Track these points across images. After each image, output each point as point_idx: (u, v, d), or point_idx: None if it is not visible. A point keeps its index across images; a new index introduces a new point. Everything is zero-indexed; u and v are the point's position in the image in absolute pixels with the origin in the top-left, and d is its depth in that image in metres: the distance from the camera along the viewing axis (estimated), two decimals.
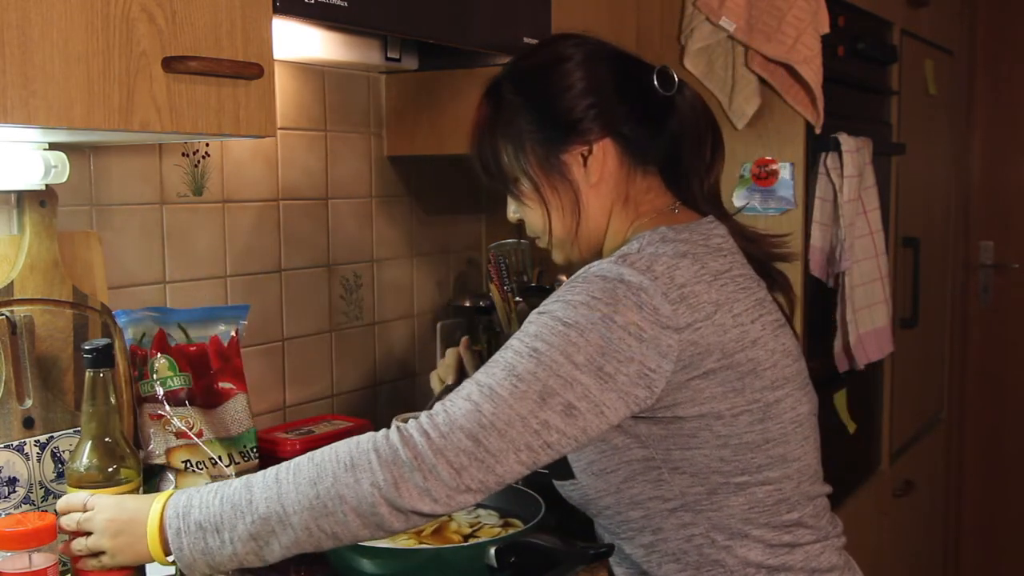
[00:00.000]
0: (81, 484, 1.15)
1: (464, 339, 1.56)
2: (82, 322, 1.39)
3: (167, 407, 1.47)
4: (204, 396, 1.52)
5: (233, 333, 1.58)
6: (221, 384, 1.55)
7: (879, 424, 2.75)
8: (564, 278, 2.08)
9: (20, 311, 1.32)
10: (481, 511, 1.47)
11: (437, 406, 1.12)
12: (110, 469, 1.16)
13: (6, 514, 1.26)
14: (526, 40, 1.68)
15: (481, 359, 2.02)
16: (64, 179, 1.34)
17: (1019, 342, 3.68)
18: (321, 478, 1.08)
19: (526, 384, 1.09)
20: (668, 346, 1.13)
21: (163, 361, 1.48)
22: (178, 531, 1.09)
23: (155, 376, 1.47)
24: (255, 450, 1.56)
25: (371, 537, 1.10)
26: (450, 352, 1.56)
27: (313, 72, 1.86)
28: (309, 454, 1.12)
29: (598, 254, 1.32)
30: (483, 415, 1.08)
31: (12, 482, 1.28)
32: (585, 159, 1.27)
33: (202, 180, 1.67)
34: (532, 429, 1.09)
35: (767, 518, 1.23)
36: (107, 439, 1.17)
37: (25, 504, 1.29)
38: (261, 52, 1.23)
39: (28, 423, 1.31)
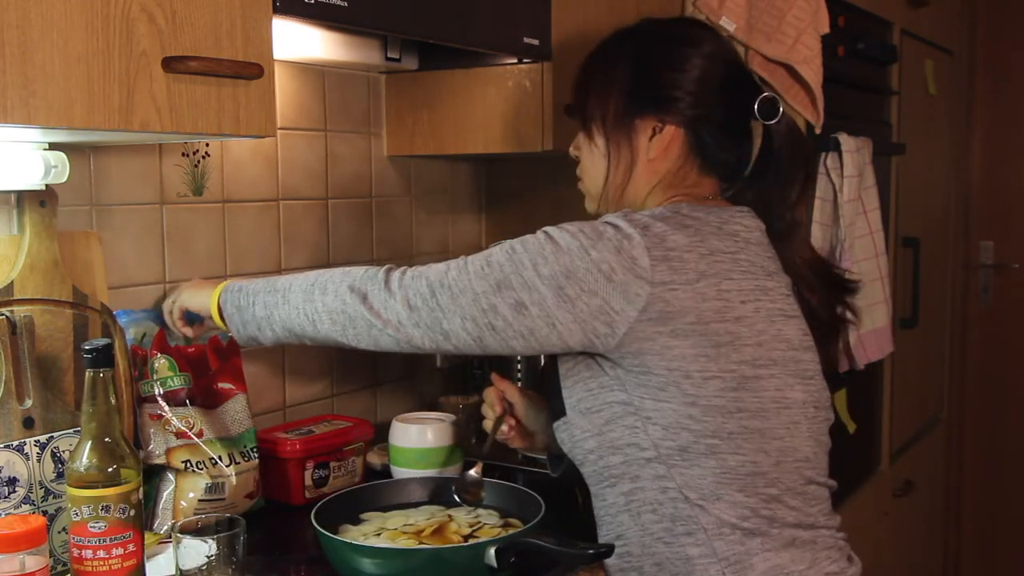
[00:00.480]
0: (81, 484, 1.15)
1: (493, 375, 1.61)
2: (82, 322, 1.39)
3: (167, 407, 1.47)
4: (204, 396, 1.52)
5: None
6: (221, 384, 1.55)
7: (879, 424, 2.75)
8: None
9: (20, 311, 1.32)
10: (481, 511, 1.47)
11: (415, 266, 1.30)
12: (110, 469, 1.16)
13: (6, 514, 1.26)
14: (526, 40, 1.68)
15: (484, 361, 2.02)
16: (64, 179, 1.34)
17: (1019, 342, 3.68)
18: (320, 276, 1.35)
19: (491, 269, 1.25)
20: (636, 294, 1.21)
21: (163, 361, 1.48)
22: (229, 288, 1.43)
23: (155, 376, 1.47)
24: (255, 450, 1.56)
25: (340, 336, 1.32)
26: (487, 392, 1.60)
27: (313, 72, 1.86)
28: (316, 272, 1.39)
29: None
30: (447, 277, 1.26)
31: (12, 482, 1.28)
32: (653, 134, 1.35)
33: (202, 180, 1.67)
34: (480, 307, 1.24)
35: (740, 486, 1.26)
36: (107, 439, 1.17)
37: (25, 504, 1.29)
38: (261, 52, 1.23)
39: (28, 423, 1.31)
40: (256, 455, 1.56)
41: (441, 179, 2.21)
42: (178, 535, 1.17)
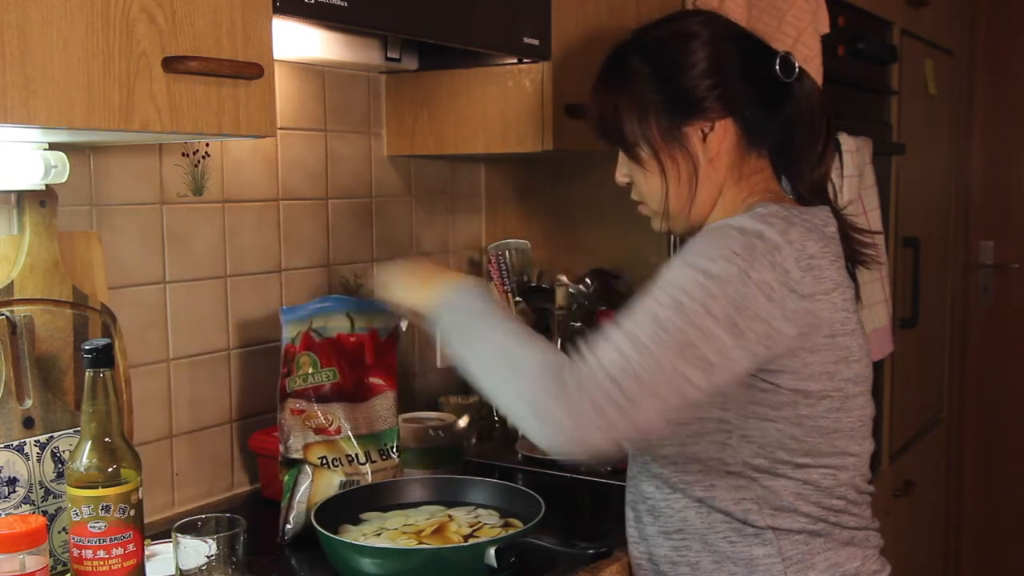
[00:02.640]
0: (81, 484, 1.15)
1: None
2: (82, 322, 1.39)
3: (307, 402, 1.51)
4: (354, 389, 1.55)
5: (392, 330, 1.62)
6: (372, 379, 1.58)
7: (879, 424, 2.75)
8: (564, 278, 2.08)
9: (20, 311, 1.32)
10: (481, 511, 1.47)
11: (586, 351, 1.15)
12: (110, 469, 1.16)
13: (6, 514, 1.26)
14: (526, 40, 1.68)
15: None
16: (64, 179, 1.34)
17: (1019, 342, 3.67)
18: (510, 354, 1.19)
19: (669, 335, 1.12)
20: (793, 310, 1.18)
21: (305, 358, 1.52)
22: (451, 286, 1.31)
23: (298, 371, 1.51)
24: (395, 449, 1.57)
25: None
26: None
27: (313, 72, 1.86)
28: (527, 333, 1.22)
29: (701, 226, 1.35)
30: (628, 362, 1.11)
31: (12, 482, 1.28)
32: (705, 135, 1.31)
33: (202, 180, 1.67)
34: (672, 383, 1.12)
35: (817, 498, 1.27)
36: (107, 439, 1.17)
37: (25, 504, 1.29)
38: (261, 52, 1.23)
39: (28, 423, 1.31)
40: (396, 454, 1.57)
41: (441, 179, 2.21)
42: (178, 535, 1.17)
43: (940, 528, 3.56)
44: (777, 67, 1.33)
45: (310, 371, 1.53)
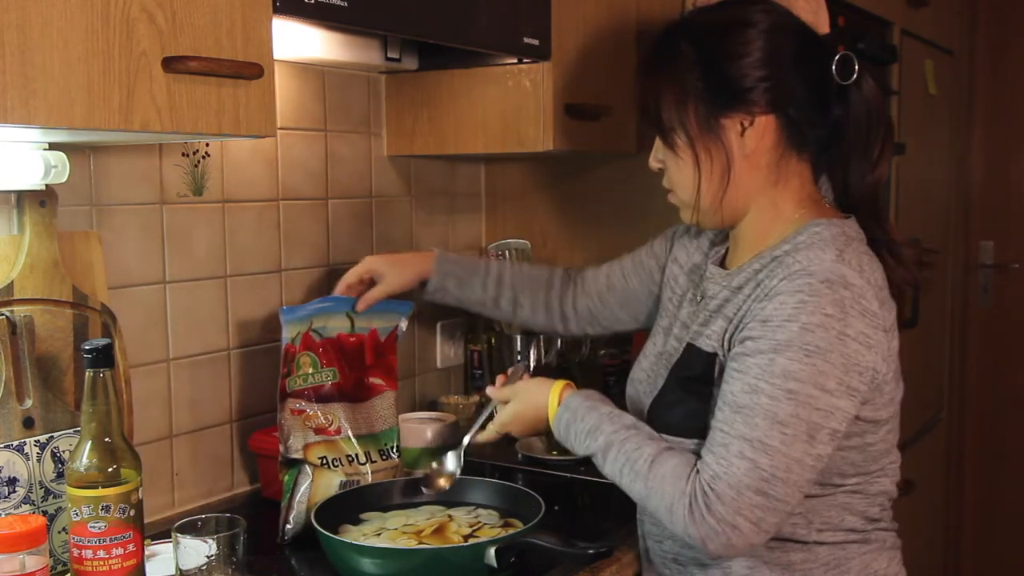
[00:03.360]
0: (81, 484, 1.15)
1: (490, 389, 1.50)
2: (82, 322, 1.39)
3: (307, 403, 1.51)
4: (354, 390, 1.56)
5: (392, 330, 1.62)
6: (372, 379, 1.58)
7: None
8: None
9: (20, 311, 1.32)
10: (481, 511, 1.47)
11: (713, 465, 1.16)
12: (110, 469, 1.16)
13: (6, 514, 1.26)
14: (526, 40, 1.68)
15: (483, 360, 2.01)
16: (64, 179, 1.34)
17: (1019, 342, 3.67)
18: (647, 499, 1.22)
19: (792, 428, 1.14)
20: (886, 349, 1.21)
21: (306, 358, 1.52)
22: (557, 431, 1.32)
23: (298, 371, 1.51)
24: (395, 449, 1.57)
25: None
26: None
27: (313, 72, 1.86)
28: (647, 458, 1.22)
29: (732, 225, 1.33)
30: (763, 470, 1.14)
31: (12, 482, 1.28)
32: (744, 129, 1.26)
33: (202, 180, 1.67)
34: (809, 466, 1.16)
35: (863, 507, 1.29)
36: (107, 439, 1.17)
37: (25, 504, 1.29)
38: (261, 52, 1.23)
39: (28, 423, 1.31)
40: (396, 454, 1.57)
41: (441, 179, 2.21)
42: (178, 535, 1.17)
43: (940, 528, 3.56)
44: (834, 67, 1.27)
45: (310, 371, 1.53)
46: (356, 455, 1.51)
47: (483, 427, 1.45)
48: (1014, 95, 3.64)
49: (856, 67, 1.28)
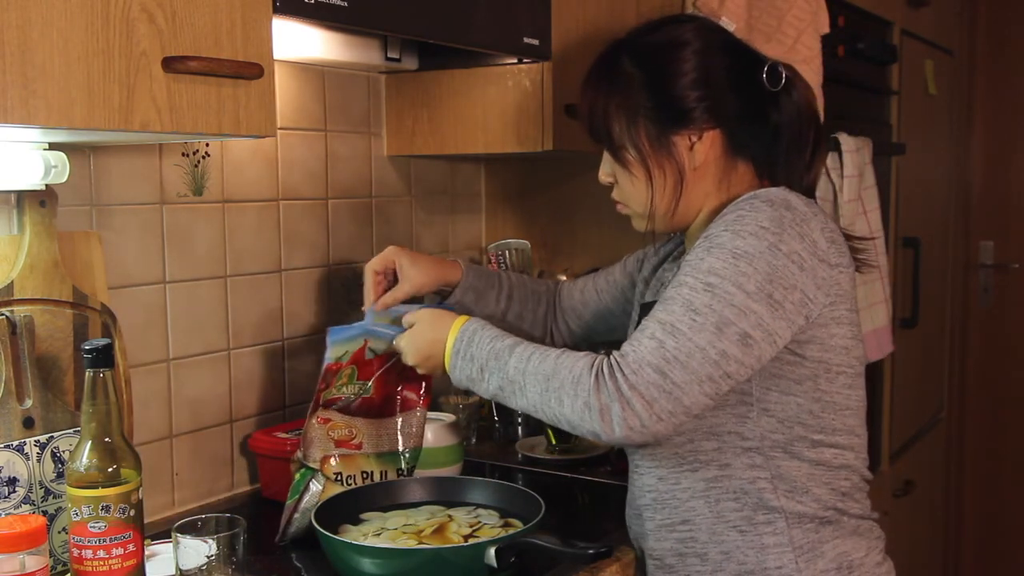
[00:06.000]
0: (81, 484, 1.15)
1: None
2: (82, 322, 1.39)
3: (334, 412, 1.49)
4: (383, 404, 1.53)
5: None
6: (407, 393, 1.55)
7: (879, 424, 2.75)
8: (564, 278, 2.08)
9: (20, 311, 1.32)
10: (481, 511, 1.47)
11: (625, 346, 1.20)
12: (110, 469, 1.16)
13: (6, 514, 1.26)
14: (526, 40, 1.68)
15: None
16: (64, 179, 1.34)
17: (1019, 342, 3.68)
18: (553, 377, 1.22)
19: (703, 316, 1.17)
20: (822, 278, 1.22)
21: (347, 371, 1.50)
22: (457, 353, 1.32)
23: (337, 382, 1.50)
24: (412, 470, 1.55)
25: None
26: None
27: (313, 72, 1.86)
28: (557, 350, 1.26)
29: (684, 230, 1.40)
30: (667, 350, 1.17)
31: (12, 482, 1.28)
32: (693, 144, 1.32)
33: (202, 180, 1.67)
34: (712, 359, 1.17)
35: (828, 479, 1.30)
36: (107, 439, 1.17)
37: (25, 504, 1.29)
38: (261, 52, 1.23)
39: (28, 423, 1.31)
40: (410, 474, 1.55)
41: (441, 179, 2.21)
42: (178, 535, 1.17)
43: (940, 528, 3.56)
44: (764, 76, 1.33)
45: (345, 382, 1.51)
46: (372, 472, 1.50)
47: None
48: (1014, 95, 3.64)
49: (783, 75, 1.34)
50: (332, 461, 1.48)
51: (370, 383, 1.52)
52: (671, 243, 1.53)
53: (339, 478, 1.47)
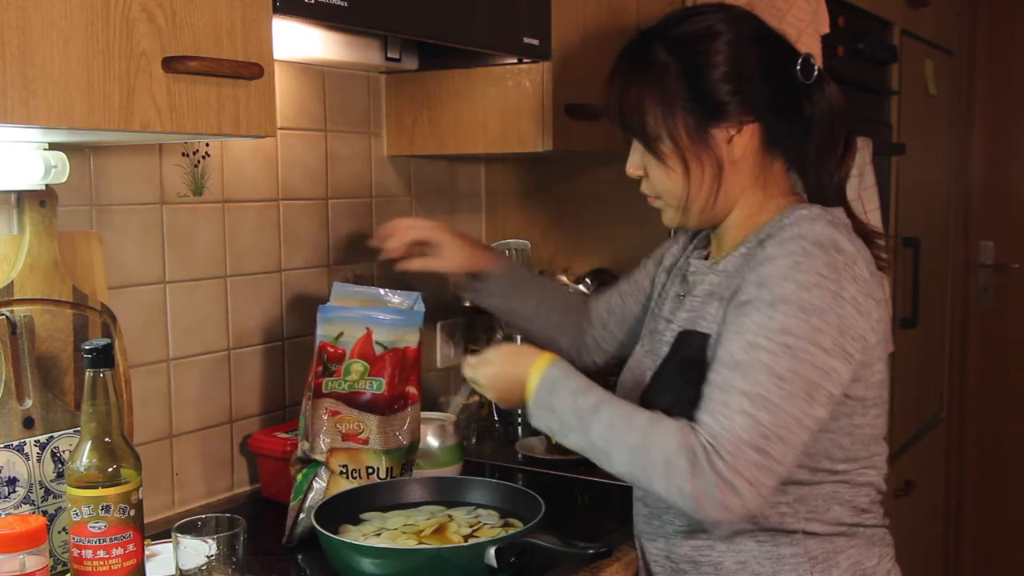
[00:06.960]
0: (81, 484, 1.15)
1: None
2: (82, 322, 1.39)
3: (344, 405, 1.49)
4: (391, 400, 1.53)
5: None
6: (409, 388, 1.55)
7: None
8: (564, 278, 2.08)
9: (20, 311, 1.32)
10: (481, 511, 1.47)
11: (711, 422, 1.14)
12: (110, 469, 1.16)
13: (6, 514, 1.26)
14: (526, 40, 1.68)
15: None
16: (64, 179, 1.34)
17: (1019, 342, 3.67)
18: (641, 451, 1.17)
19: (791, 384, 1.13)
20: (876, 319, 1.21)
21: (357, 365, 1.50)
22: (538, 403, 1.26)
23: (347, 376, 1.50)
24: (415, 464, 1.56)
25: None
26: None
27: (313, 72, 1.86)
28: (644, 415, 1.19)
29: (717, 224, 1.35)
30: (764, 426, 1.12)
31: (12, 482, 1.28)
32: (732, 137, 1.28)
33: (202, 180, 1.67)
34: (806, 427, 1.15)
35: (850, 496, 1.29)
36: (107, 439, 1.17)
37: (25, 504, 1.29)
38: (261, 52, 1.23)
39: (28, 423, 1.31)
40: (412, 470, 1.56)
41: (441, 179, 2.21)
42: (178, 535, 1.17)
43: (940, 528, 3.56)
44: (798, 68, 1.30)
45: (356, 378, 1.51)
46: (377, 468, 1.50)
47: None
48: (1014, 95, 3.64)
49: (816, 68, 1.31)
50: (339, 454, 1.48)
51: (383, 380, 1.52)
52: (688, 231, 1.49)
53: (344, 471, 1.47)
